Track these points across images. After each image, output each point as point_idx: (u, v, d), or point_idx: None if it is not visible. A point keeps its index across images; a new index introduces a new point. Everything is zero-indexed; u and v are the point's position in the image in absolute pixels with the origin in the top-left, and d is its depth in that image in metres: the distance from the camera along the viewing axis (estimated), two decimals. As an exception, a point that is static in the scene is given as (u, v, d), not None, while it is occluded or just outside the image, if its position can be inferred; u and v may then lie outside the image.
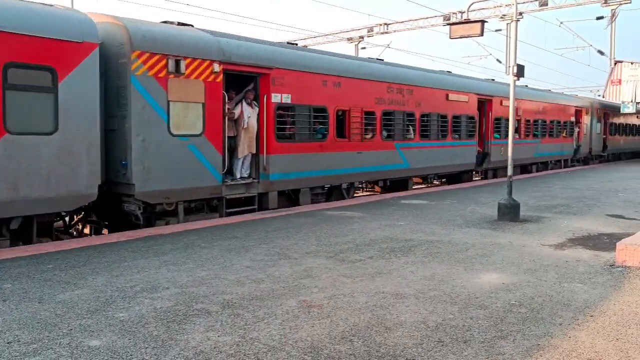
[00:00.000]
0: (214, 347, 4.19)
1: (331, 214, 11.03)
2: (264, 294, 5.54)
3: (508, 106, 19.64)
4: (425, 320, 4.82)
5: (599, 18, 26.97)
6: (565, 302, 5.40)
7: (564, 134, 26.22)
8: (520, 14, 23.71)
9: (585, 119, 28.62)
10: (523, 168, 23.47)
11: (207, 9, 35.86)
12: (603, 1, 24.82)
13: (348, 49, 30.92)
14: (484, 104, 20.03)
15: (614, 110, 32.95)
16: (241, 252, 7.46)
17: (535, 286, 5.93)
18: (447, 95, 17.58)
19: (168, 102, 9.69)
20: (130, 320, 4.74)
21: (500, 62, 31.57)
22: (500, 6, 25.47)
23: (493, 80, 24.14)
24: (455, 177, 19.73)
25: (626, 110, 29.95)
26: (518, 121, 21.43)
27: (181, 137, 9.95)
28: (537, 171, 24.41)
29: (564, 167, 26.79)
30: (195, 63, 10.14)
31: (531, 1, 25.54)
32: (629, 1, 24.57)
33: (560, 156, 26.59)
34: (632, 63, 30.44)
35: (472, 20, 12.61)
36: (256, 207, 11.55)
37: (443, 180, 20.36)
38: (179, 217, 10.07)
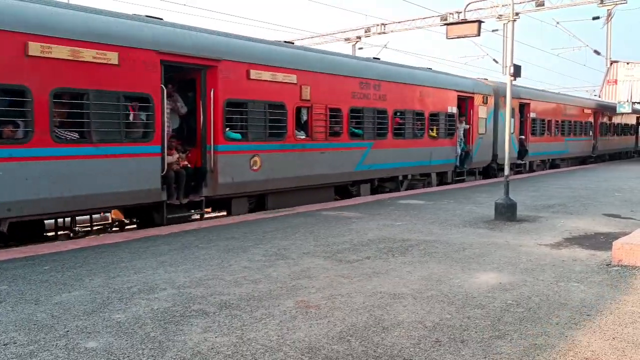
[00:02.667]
0: (212, 348, 4.18)
1: (329, 214, 11.04)
2: (262, 295, 5.54)
3: (260, 80, 11.59)
4: (423, 320, 4.82)
5: (595, 18, 27.05)
6: (562, 301, 5.41)
7: (433, 133, 17.15)
8: (517, 14, 23.73)
9: (482, 112, 19.57)
10: (340, 190, 14.38)
11: (203, 9, 35.77)
12: (599, 1, 24.86)
13: (345, 49, 30.93)
14: (199, 73, 10.80)
15: (540, 99, 24.13)
16: (239, 253, 7.45)
17: (532, 286, 5.94)
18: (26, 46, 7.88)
19: None
20: (127, 322, 4.74)
21: (497, 62, 31.62)
22: (497, 6, 25.52)
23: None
24: (144, 218, 10.54)
25: (622, 110, 29.97)
26: (306, 109, 12.97)
27: None
28: (375, 192, 15.14)
29: (438, 185, 17.71)
30: None
31: (528, 1, 25.60)
32: (624, 1, 24.63)
33: (426, 167, 17.20)
34: (628, 63, 30.51)
35: (469, 20, 12.62)
36: None
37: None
38: None
